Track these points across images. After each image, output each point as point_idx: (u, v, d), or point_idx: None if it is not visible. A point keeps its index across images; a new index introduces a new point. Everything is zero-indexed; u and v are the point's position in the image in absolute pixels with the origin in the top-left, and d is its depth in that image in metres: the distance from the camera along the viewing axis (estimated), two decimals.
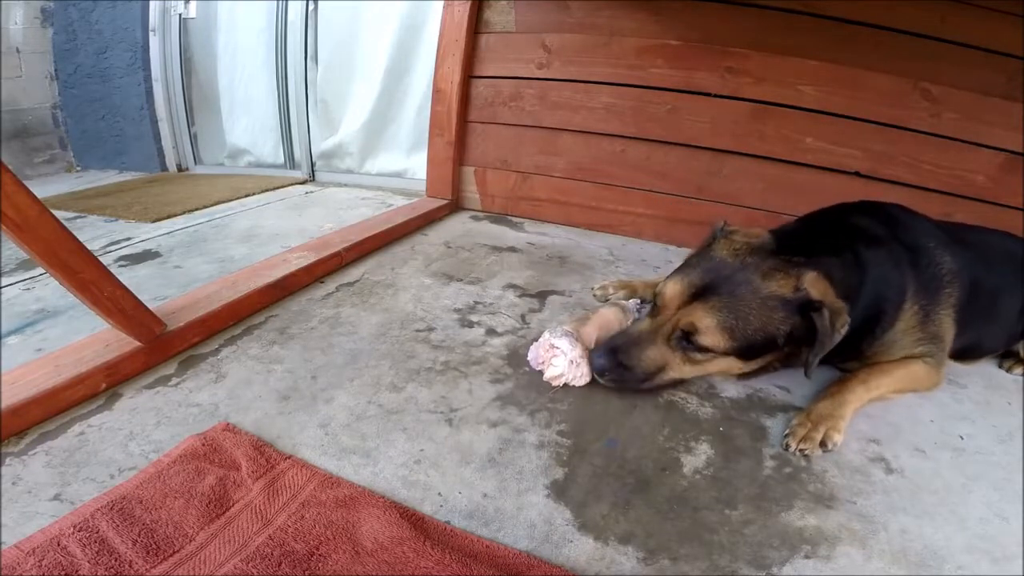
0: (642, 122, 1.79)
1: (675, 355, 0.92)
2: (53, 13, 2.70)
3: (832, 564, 0.67)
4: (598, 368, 0.94)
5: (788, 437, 0.88)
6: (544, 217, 2.02)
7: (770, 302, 0.88)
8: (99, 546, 0.62)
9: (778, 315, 0.88)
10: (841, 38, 1.52)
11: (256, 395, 0.94)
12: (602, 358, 0.94)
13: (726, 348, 0.89)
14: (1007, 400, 1.06)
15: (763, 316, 0.88)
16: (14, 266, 1.47)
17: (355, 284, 1.40)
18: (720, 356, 0.91)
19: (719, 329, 0.88)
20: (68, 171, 2.88)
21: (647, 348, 0.93)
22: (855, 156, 1.60)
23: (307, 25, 2.48)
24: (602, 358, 0.94)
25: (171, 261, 1.54)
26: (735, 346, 0.89)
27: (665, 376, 0.94)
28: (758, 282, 0.88)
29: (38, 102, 2.75)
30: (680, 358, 0.92)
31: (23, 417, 0.82)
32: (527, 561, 0.64)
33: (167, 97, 2.71)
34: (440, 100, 2.00)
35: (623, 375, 0.93)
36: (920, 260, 1.02)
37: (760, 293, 0.88)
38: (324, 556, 0.63)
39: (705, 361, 0.92)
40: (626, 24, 1.73)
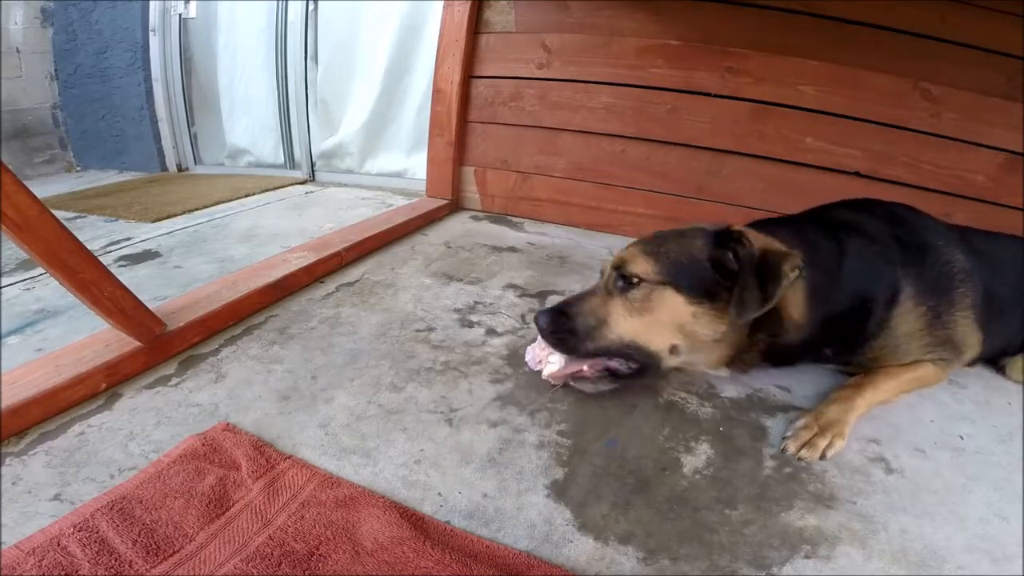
0: (642, 122, 1.79)
1: (615, 301, 0.89)
2: (53, 13, 2.70)
3: (832, 564, 0.67)
4: (540, 324, 0.90)
5: (789, 439, 0.86)
6: (544, 217, 2.02)
7: (689, 234, 0.91)
8: (99, 546, 0.62)
9: (698, 241, 0.88)
10: (841, 38, 1.52)
11: (256, 395, 0.94)
12: (545, 315, 0.90)
13: (652, 272, 0.87)
14: (1007, 400, 1.06)
15: (684, 241, 0.90)
16: (14, 266, 1.47)
17: (355, 284, 1.40)
18: (656, 288, 0.86)
19: (641, 253, 0.89)
20: (68, 171, 2.89)
21: (588, 299, 0.91)
22: (855, 156, 1.60)
23: (307, 25, 2.48)
24: (545, 315, 0.90)
25: (171, 261, 1.54)
26: (661, 269, 0.86)
27: (611, 332, 0.87)
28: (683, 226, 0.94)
29: (38, 102, 2.76)
30: (621, 304, 0.88)
31: (23, 417, 0.82)
32: (527, 561, 0.64)
33: (167, 97, 2.71)
34: (440, 100, 2.00)
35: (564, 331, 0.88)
36: (925, 258, 0.97)
37: (682, 231, 0.93)
38: (324, 556, 0.63)
39: (644, 300, 0.87)
40: (626, 24, 1.73)
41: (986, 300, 1.02)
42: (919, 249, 0.99)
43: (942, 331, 0.98)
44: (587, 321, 0.88)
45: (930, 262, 0.98)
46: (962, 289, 0.98)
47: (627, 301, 0.88)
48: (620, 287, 0.89)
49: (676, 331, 0.89)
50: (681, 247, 0.89)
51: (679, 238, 0.91)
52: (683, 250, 0.88)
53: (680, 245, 0.89)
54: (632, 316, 0.88)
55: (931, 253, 0.99)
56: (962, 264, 0.99)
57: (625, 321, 0.88)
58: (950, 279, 0.98)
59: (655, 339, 0.89)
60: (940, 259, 0.98)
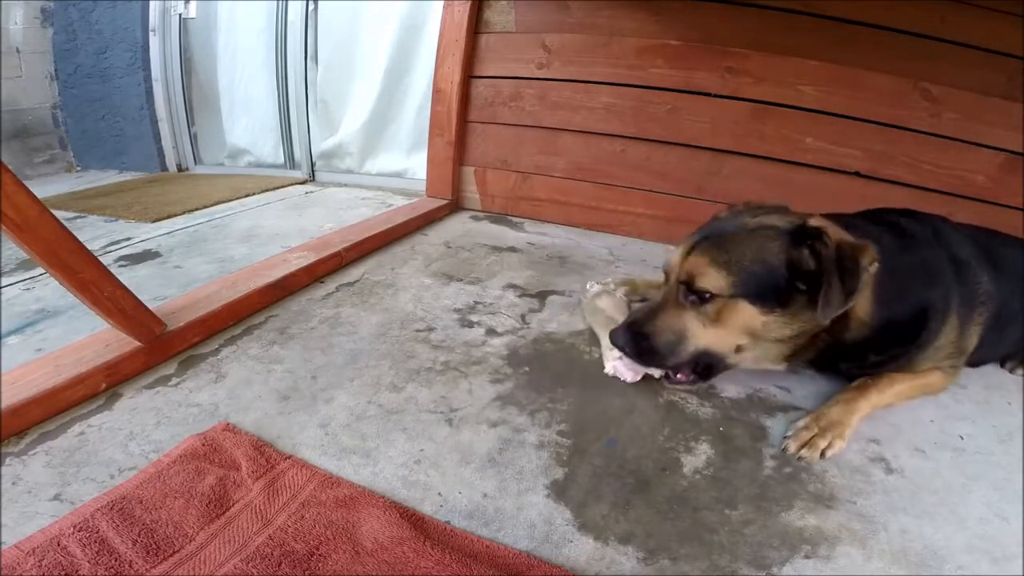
0: (642, 122, 1.79)
1: (688, 314, 0.88)
2: (53, 13, 2.70)
3: (832, 564, 0.67)
4: (619, 344, 0.91)
5: (790, 439, 0.86)
6: (544, 217, 2.02)
7: (762, 231, 0.85)
8: (99, 546, 0.62)
9: (773, 244, 0.83)
10: (841, 38, 1.52)
11: (256, 395, 0.94)
12: (622, 337, 0.90)
13: (726, 286, 0.84)
14: (1007, 400, 1.06)
15: (756, 245, 0.84)
16: (14, 266, 1.47)
17: (355, 284, 1.40)
18: (728, 301, 0.84)
19: (712, 265, 0.84)
20: (68, 171, 2.89)
21: (660, 314, 0.90)
22: (855, 156, 1.60)
23: (307, 25, 2.48)
24: (622, 337, 0.90)
25: (171, 261, 1.54)
26: (735, 281, 0.83)
27: (689, 346, 0.88)
28: (750, 220, 0.87)
29: (38, 102, 2.75)
30: (695, 317, 0.87)
31: (23, 417, 0.82)
32: (527, 561, 0.64)
33: (167, 97, 2.71)
34: (440, 100, 2.00)
35: (645, 349, 0.89)
36: (966, 275, 0.98)
37: (750, 227, 0.86)
38: (324, 556, 0.63)
39: (718, 314, 0.85)
40: (626, 24, 1.73)
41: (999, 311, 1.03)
42: (961, 265, 0.97)
43: (962, 342, 0.99)
44: (666, 338, 0.88)
45: (968, 280, 0.97)
46: (981, 308, 0.99)
47: (701, 315, 0.87)
48: (692, 301, 0.88)
49: (745, 335, 0.88)
50: (755, 253, 0.84)
51: (751, 240, 0.85)
52: (757, 257, 0.84)
53: (753, 251, 0.84)
54: (707, 328, 0.87)
55: (968, 271, 0.98)
56: (987, 286, 0.99)
57: (702, 334, 0.88)
58: (976, 296, 0.98)
59: (726, 345, 0.89)
60: (974, 278, 0.98)
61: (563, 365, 1.08)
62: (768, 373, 1.05)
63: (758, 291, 0.84)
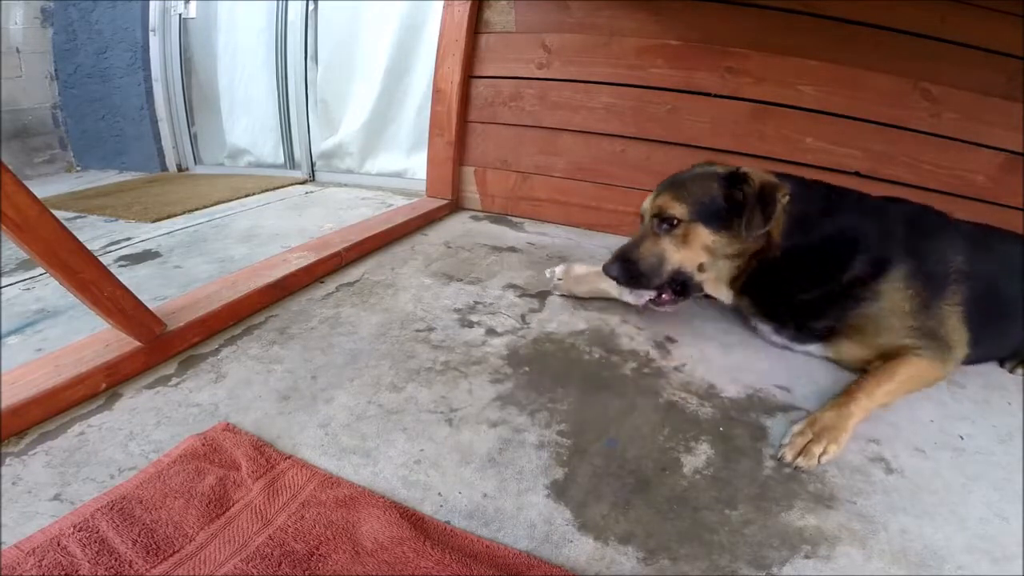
0: (642, 122, 1.79)
1: (663, 240, 1.10)
2: (53, 13, 2.70)
3: (832, 564, 0.67)
4: (613, 274, 1.13)
5: (786, 447, 0.86)
6: (544, 217, 2.02)
7: (706, 177, 1.11)
8: (99, 546, 0.62)
9: (714, 184, 1.08)
10: (841, 38, 1.52)
11: (256, 395, 0.94)
12: (613, 265, 1.12)
13: (686, 213, 1.08)
14: (1007, 400, 1.06)
15: (702, 186, 1.09)
16: (14, 266, 1.47)
17: (355, 284, 1.40)
18: (689, 224, 1.08)
19: (675, 199, 1.09)
20: (68, 171, 2.89)
21: (641, 244, 1.12)
22: (855, 156, 1.60)
23: (307, 25, 2.48)
24: (613, 265, 1.12)
25: (171, 261, 1.54)
26: (691, 209, 1.08)
27: (668, 265, 1.10)
28: (699, 169, 1.15)
29: (38, 102, 2.75)
30: (669, 242, 1.10)
31: (23, 417, 0.82)
32: (527, 561, 0.64)
33: (167, 97, 2.71)
34: (440, 100, 2.00)
35: (634, 273, 1.11)
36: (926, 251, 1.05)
37: (698, 173, 1.13)
38: (324, 556, 0.63)
39: (684, 236, 1.09)
40: (626, 24, 1.73)
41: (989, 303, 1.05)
42: (923, 242, 1.06)
43: (928, 321, 1.03)
44: (649, 261, 1.11)
45: (931, 256, 1.05)
46: (954, 287, 1.04)
47: (672, 238, 1.10)
48: (664, 228, 1.10)
49: (704, 252, 1.10)
50: (703, 190, 1.09)
51: (700, 181, 1.10)
52: (704, 193, 1.08)
53: (702, 189, 1.09)
54: (678, 249, 1.10)
55: (934, 249, 1.06)
56: (960, 266, 1.04)
57: (675, 254, 1.10)
58: (945, 276, 1.04)
59: (692, 262, 1.11)
60: (941, 256, 1.05)
61: (563, 365, 1.08)
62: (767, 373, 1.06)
63: (707, 216, 1.08)
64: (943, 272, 1.04)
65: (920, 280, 1.03)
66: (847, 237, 1.06)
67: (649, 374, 1.06)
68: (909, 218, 1.10)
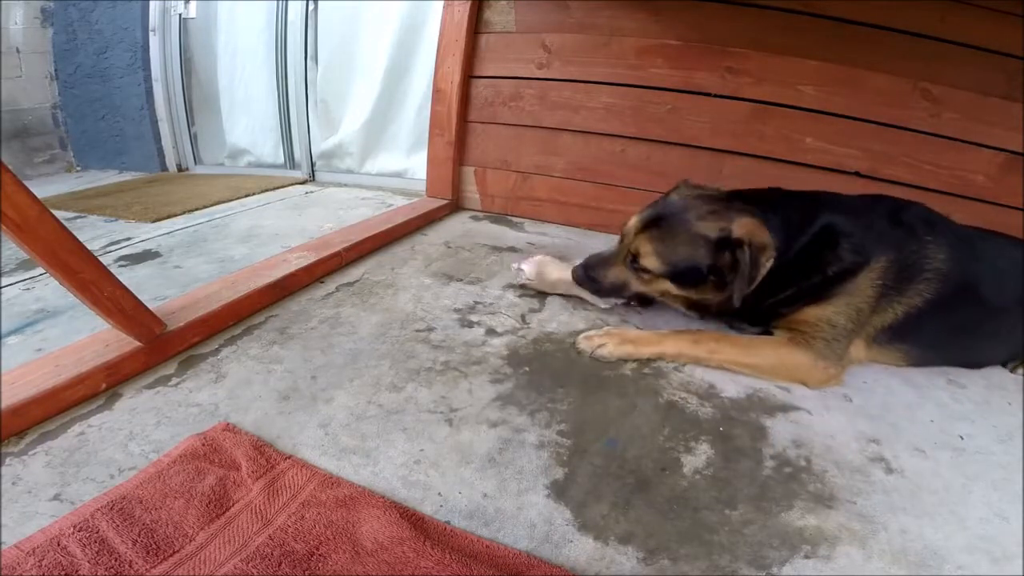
0: (642, 122, 1.79)
1: (629, 274, 1.15)
2: (53, 13, 2.70)
3: (832, 564, 0.67)
4: (579, 282, 1.22)
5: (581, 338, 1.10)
6: (544, 217, 2.02)
7: (697, 239, 1.05)
8: (99, 546, 0.62)
9: (701, 251, 1.05)
10: (841, 38, 1.52)
11: (256, 395, 0.94)
12: (579, 271, 1.21)
13: (660, 271, 1.09)
14: (1007, 400, 1.06)
15: (689, 249, 1.06)
16: (14, 266, 1.47)
17: (355, 284, 1.40)
18: (657, 278, 1.11)
19: (654, 255, 1.08)
20: (68, 171, 2.89)
21: (610, 268, 1.18)
22: (855, 156, 1.60)
23: (307, 25, 2.48)
24: (579, 271, 1.21)
25: (171, 261, 1.54)
26: (666, 270, 1.08)
27: (628, 290, 1.17)
28: (693, 221, 1.06)
29: (38, 102, 2.76)
30: (633, 278, 1.14)
31: (23, 417, 0.82)
32: (527, 561, 0.64)
33: (167, 97, 2.71)
34: (440, 100, 2.00)
35: (595, 286, 1.20)
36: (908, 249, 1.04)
37: (691, 230, 1.06)
38: (324, 556, 0.63)
39: (650, 280, 1.12)
40: (626, 24, 1.73)
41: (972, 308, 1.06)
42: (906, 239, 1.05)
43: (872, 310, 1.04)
44: (612, 282, 1.18)
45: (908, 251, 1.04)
46: (922, 285, 1.03)
47: (637, 278, 1.14)
48: (634, 267, 1.13)
49: (666, 293, 1.17)
50: (687, 255, 1.06)
51: (687, 244, 1.06)
52: (688, 258, 1.06)
53: (686, 253, 1.06)
54: (641, 285, 1.15)
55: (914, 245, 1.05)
56: (938, 265, 1.03)
57: (636, 286, 1.16)
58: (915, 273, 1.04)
59: (655, 292, 1.18)
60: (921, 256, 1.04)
61: (563, 365, 1.08)
62: None
63: (681, 279, 1.10)
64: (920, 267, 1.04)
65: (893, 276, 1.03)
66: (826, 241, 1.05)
67: (649, 374, 1.06)
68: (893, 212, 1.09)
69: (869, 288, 1.04)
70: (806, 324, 1.06)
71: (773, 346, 1.08)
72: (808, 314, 1.06)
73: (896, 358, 1.11)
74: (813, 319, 1.05)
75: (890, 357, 1.11)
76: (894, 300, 1.04)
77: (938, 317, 1.05)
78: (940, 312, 1.04)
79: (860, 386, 1.07)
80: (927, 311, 1.04)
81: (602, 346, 1.09)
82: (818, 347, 1.03)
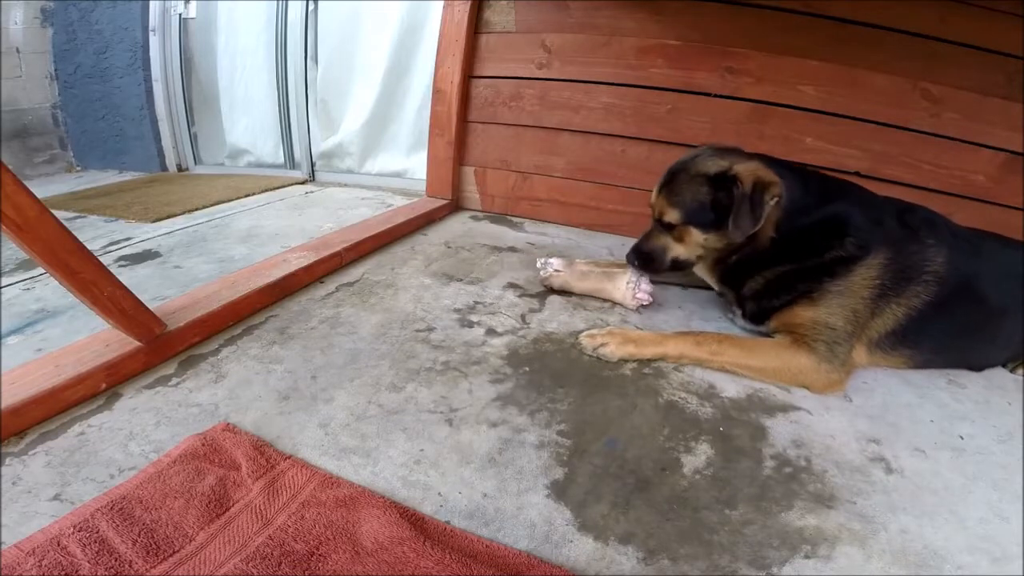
0: (642, 122, 1.79)
1: (665, 236, 1.21)
2: (53, 13, 2.70)
3: (832, 564, 0.67)
4: (632, 261, 1.27)
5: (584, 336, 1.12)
6: (544, 217, 2.02)
7: (697, 177, 1.13)
8: (99, 546, 0.62)
9: (702, 188, 1.12)
10: (841, 38, 1.52)
11: (256, 395, 0.94)
12: (633, 256, 1.26)
13: (679, 218, 1.15)
14: (1007, 400, 1.06)
15: (692, 188, 1.13)
16: (14, 266, 1.47)
17: (355, 284, 1.40)
18: (683, 227, 1.16)
19: (669, 206, 1.16)
20: (68, 171, 2.89)
21: (651, 238, 1.24)
22: (855, 156, 1.60)
23: (307, 25, 2.48)
24: (633, 256, 1.26)
25: (171, 261, 1.54)
26: (682, 214, 1.15)
27: (671, 253, 1.21)
28: (696, 165, 1.15)
29: (38, 102, 2.75)
30: (669, 238, 1.20)
31: (23, 417, 0.82)
32: (527, 561, 0.64)
33: (167, 97, 2.71)
34: (440, 100, 2.00)
35: (646, 260, 1.24)
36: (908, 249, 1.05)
37: (691, 172, 1.14)
38: (324, 556, 0.63)
39: (679, 235, 1.18)
40: (626, 24, 1.73)
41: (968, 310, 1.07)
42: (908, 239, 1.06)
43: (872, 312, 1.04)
44: (656, 251, 1.23)
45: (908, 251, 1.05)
46: (920, 288, 1.04)
47: (671, 237, 1.20)
48: (663, 229, 1.21)
49: (699, 247, 1.19)
50: (692, 194, 1.13)
51: (690, 185, 1.14)
52: (693, 196, 1.13)
53: (691, 192, 1.14)
54: (677, 244, 1.20)
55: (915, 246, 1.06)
56: (937, 267, 1.04)
57: (674, 248, 1.21)
58: (914, 273, 1.04)
59: (690, 254, 1.21)
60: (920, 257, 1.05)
61: (563, 365, 1.08)
62: None
63: (697, 220, 1.14)
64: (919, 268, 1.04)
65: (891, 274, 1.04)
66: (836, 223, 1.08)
67: (649, 374, 1.07)
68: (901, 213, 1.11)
69: (864, 289, 1.04)
70: (803, 327, 1.06)
71: (776, 348, 1.07)
72: (803, 316, 1.07)
73: (899, 363, 1.11)
74: (809, 321, 1.06)
75: (893, 362, 1.11)
76: (892, 302, 1.04)
77: (939, 322, 1.05)
78: (941, 317, 1.04)
79: (860, 386, 1.07)
80: (927, 315, 1.04)
81: (604, 345, 1.10)
82: (820, 350, 1.03)
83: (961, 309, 1.06)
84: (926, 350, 1.10)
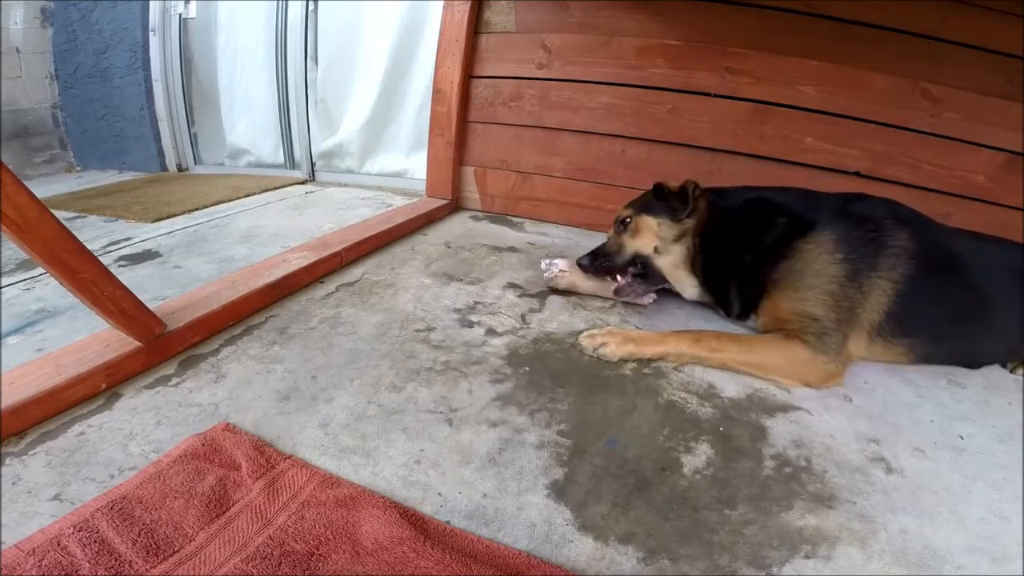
0: (642, 122, 1.79)
1: (622, 236, 1.32)
2: (53, 13, 2.70)
3: (832, 564, 0.67)
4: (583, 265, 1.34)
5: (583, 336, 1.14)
6: (544, 217, 2.02)
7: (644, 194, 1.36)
8: (99, 546, 0.62)
9: (649, 195, 1.33)
10: (841, 38, 1.52)
11: (256, 395, 0.94)
12: (585, 259, 1.34)
13: (633, 211, 1.32)
14: (1007, 400, 1.06)
15: (642, 197, 1.35)
16: (14, 266, 1.47)
17: (355, 284, 1.40)
18: (637, 217, 1.31)
19: (627, 207, 1.35)
20: (68, 171, 2.89)
21: (608, 242, 1.35)
22: (855, 156, 1.60)
23: (307, 25, 2.48)
24: (585, 259, 1.34)
25: (171, 261, 1.54)
26: (636, 208, 1.32)
27: (625, 251, 1.31)
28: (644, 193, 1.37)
29: (38, 102, 2.75)
30: (625, 236, 1.32)
31: (23, 417, 0.82)
32: (527, 561, 0.64)
33: (167, 97, 2.71)
34: (440, 100, 2.00)
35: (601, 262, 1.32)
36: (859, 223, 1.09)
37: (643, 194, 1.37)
38: (324, 556, 0.63)
39: (635, 228, 1.30)
40: (626, 24, 1.73)
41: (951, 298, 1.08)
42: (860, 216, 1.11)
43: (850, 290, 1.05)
44: (612, 250, 1.33)
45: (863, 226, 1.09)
46: (892, 260, 1.05)
47: (627, 233, 1.32)
48: (621, 228, 1.33)
49: (654, 237, 1.28)
50: (644, 199, 1.34)
51: (642, 196, 1.36)
52: (644, 200, 1.33)
53: (643, 199, 1.35)
54: (632, 239, 1.30)
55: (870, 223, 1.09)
56: (905, 243, 1.06)
57: (630, 243, 1.31)
58: (882, 248, 1.06)
59: (646, 246, 1.29)
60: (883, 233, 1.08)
61: (563, 365, 1.08)
62: None
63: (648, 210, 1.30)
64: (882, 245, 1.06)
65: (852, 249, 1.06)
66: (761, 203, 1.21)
67: (649, 374, 1.07)
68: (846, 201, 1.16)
69: (829, 266, 1.06)
70: (790, 321, 1.08)
71: (773, 342, 1.08)
72: (784, 308, 1.10)
73: (898, 355, 1.11)
74: (792, 314, 1.07)
75: (893, 354, 1.11)
76: (872, 276, 1.05)
77: (931, 304, 1.06)
78: (931, 297, 1.05)
79: (860, 386, 1.07)
80: (917, 294, 1.04)
81: (604, 345, 1.11)
82: (811, 342, 1.03)
83: (951, 290, 1.07)
84: (926, 338, 1.09)
